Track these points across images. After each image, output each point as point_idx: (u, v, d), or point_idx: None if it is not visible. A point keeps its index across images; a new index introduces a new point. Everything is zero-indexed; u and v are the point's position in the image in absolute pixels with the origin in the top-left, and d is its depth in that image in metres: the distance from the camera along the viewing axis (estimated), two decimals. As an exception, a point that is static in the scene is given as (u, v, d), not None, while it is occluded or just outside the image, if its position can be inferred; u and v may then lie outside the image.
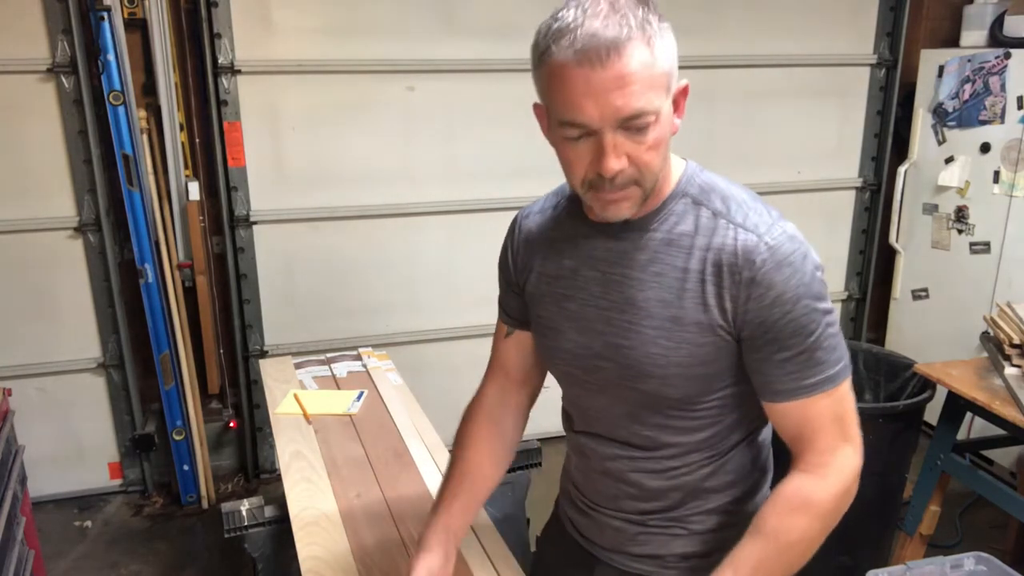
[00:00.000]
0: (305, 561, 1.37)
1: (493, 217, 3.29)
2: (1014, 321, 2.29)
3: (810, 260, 0.99)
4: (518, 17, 3.13)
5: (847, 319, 3.94)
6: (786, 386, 1.01)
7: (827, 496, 1.02)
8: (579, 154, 0.94)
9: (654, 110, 0.90)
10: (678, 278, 1.00)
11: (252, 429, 3.26)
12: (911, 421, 2.42)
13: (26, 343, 2.99)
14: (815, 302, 0.98)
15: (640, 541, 1.16)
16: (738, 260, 0.97)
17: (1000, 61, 3.14)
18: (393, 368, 2.31)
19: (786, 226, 1.00)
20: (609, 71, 0.87)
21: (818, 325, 0.98)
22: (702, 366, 1.02)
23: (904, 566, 1.82)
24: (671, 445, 1.09)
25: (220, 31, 2.84)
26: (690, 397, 1.05)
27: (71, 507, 3.12)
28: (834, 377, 1.01)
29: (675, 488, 1.12)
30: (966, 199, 3.34)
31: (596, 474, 1.18)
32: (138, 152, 2.81)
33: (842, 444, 1.04)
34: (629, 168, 0.93)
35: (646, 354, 1.03)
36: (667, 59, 0.91)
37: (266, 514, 1.72)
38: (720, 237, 0.99)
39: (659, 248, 1.02)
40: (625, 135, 0.91)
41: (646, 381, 1.04)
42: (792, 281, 0.96)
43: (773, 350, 0.99)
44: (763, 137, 3.53)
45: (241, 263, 3.08)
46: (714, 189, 1.03)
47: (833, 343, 1.01)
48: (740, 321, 0.99)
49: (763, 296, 0.97)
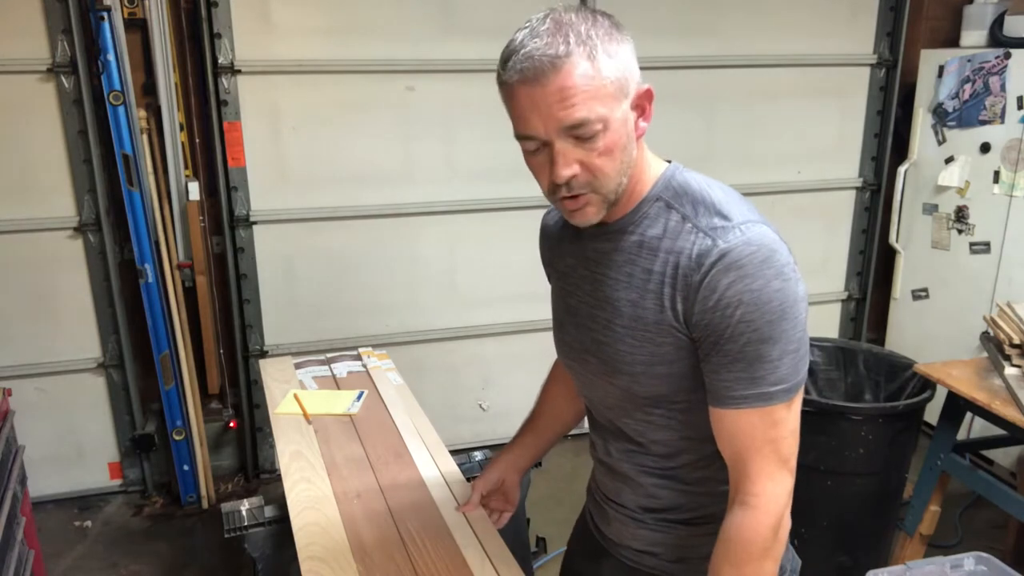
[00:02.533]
0: (305, 561, 1.37)
1: (493, 217, 3.30)
2: (1014, 321, 2.29)
3: (771, 268, 0.96)
4: (518, 17, 3.12)
5: (847, 319, 3.94)
6: (719, 392, 1.01)
7: (763, 534, 1.01)
8: (540, 164, 1.00)
9: (598, 118, 0.94)
10: (644, 279, 1.03)
11: (252, 429, 3.26)
12: (911, 421, 2.42)
13: (26, 343, 2.99)
14: (763, 312, 0.95)
15: (639, 537, 1.20)
16: (692, 263, 0.98)
17: (1000, 61, 3.14)
18: (393, 368, 2.31)
19: (750, 231, 0.97)
20: (549, 87, 0.93)
21: (761, 336, 0.96)
22: (664, 365, 1.04)
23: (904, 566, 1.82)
24: (659, 442, 1.12)
25: (220, 31, 2.85)
26: (660, 396, 1.07)
27: (71, 507, 3.12)
28: (768, 396, 0.98)
29: (670, 489, 1.15)
30: (966, 199, 3.34)
31: (604, 468, 1.24)
32: (138, 152, 2.81)
33: (776, 471, 1.02)
34: (583, 174, 0.98)
35: (617, 351, 1.07)
36: (615, 69, 0.95)
37: (266, 514, 1.73)
38: (683, 241, 1.00)
39: (632, 250, 1.05)
40: (574, 143, 0.96)
41: (619, 377, 1.09)
42: (737, 286, 0.95)
43: (713, 354, 1.00)
44: (763, 137, 3.53)
45: (241, 263, 3.08)
46: (687, 192, 1.04)
47: (779, 361, 0.97)
48: (691, 323, 1.00)
49: (707, 299, 0.97)
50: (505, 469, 1.45)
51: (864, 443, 2.35)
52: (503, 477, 1.45)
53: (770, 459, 1.01)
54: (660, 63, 3.24)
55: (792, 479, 1.04)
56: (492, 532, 1.44)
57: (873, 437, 2.35)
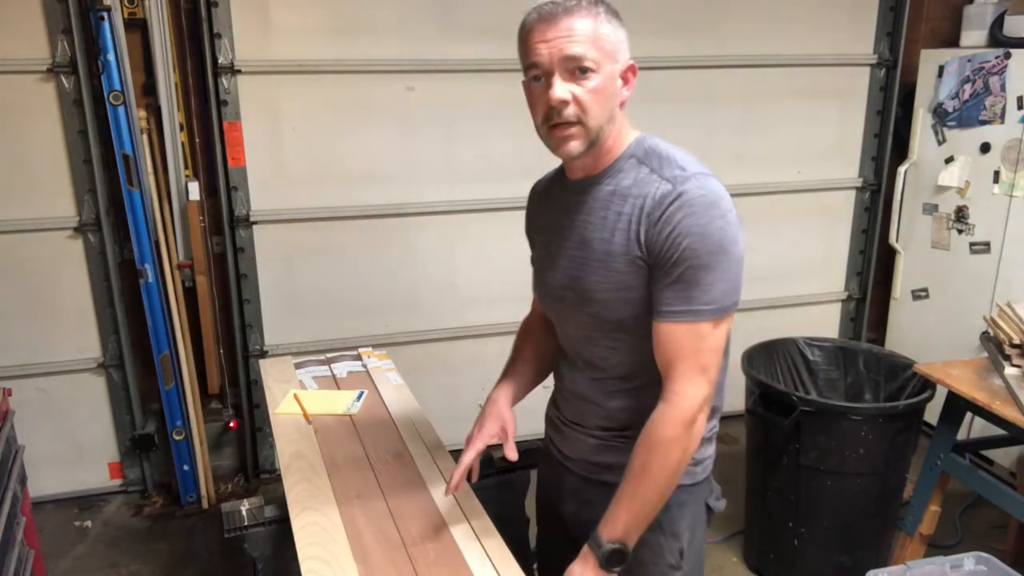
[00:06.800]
0: (305, 561, 1.37)
1: (493, 217, 3.30)
2: (1014, 321, 2.29)
3: (716, 209, 1.18)
4: (518, 17, 3.13)
5: (847, 319, 3.95)
6: (660, 307, 1.22)
7: (674, 425, 1.20)
8: (538, 94, 1.22)
9: (593, 59, 1.17)
10: (615, 220, 1.25)
11: (252, 429, 3.26)
12: (911, 421, 2.42)
13: (26, 343, 2.99)
14: (705, 243, 1.16)
15: (599, 451, 1.40)
16: (654, 203, 1.20)
17: (1000, 61, 3.14)
18: (393, 368, 2.31)
19: (704, 182, 1.20)
20: (560, 24, 1.18)
21: (701, 263, 1.17)
22: (628, 291, 1.25)
23: (904, 566, 1.82)
24: (618, 365, 1.34)
25: (220, 31, 2.85)
26: (625, 320, 1.28)
27: (71, 507, 3.12)
28: (699, 312, 1.19)
29: (626, 409, 1.35)
30: (966, 199, 3.34)
31: (569, 395, 1.45)
32: (138, 152, 2.81)
33: (694, 375, 1.21)
34: (573, 105, 1.19)
35: (591, 283, 1.28)
36: (612, 34, 1.20)
37: (266, 514, 1.72)
38: (649, 187, 1.22)
39: (607, 198, 1.27)
40: (570, 77, 1.18)
41: (591, 305, 1.30)
42: (687, 221, 1.17)
43: (661, 275, 1.21)
44: (763, 137, 3.53)
45: (241, 263, 3.08)
46: (655, 152, 1.26)
47: (712, 285, 1.18)
48: (649, 251, 1.21)
49: (662, 231, 1.19)
50: (499, 412, 1.47)
51: (864, 443, 2.35)
52: (500, 422, 1.46)
53: (692, 366, 1.20)
54: (660, 63, 3.24)
55: (709, 389, 1.23)
56: (492, 532, 1.45)
57: (873, 437, 2.35)
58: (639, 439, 1.23)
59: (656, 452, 1.21)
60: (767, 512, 2.60)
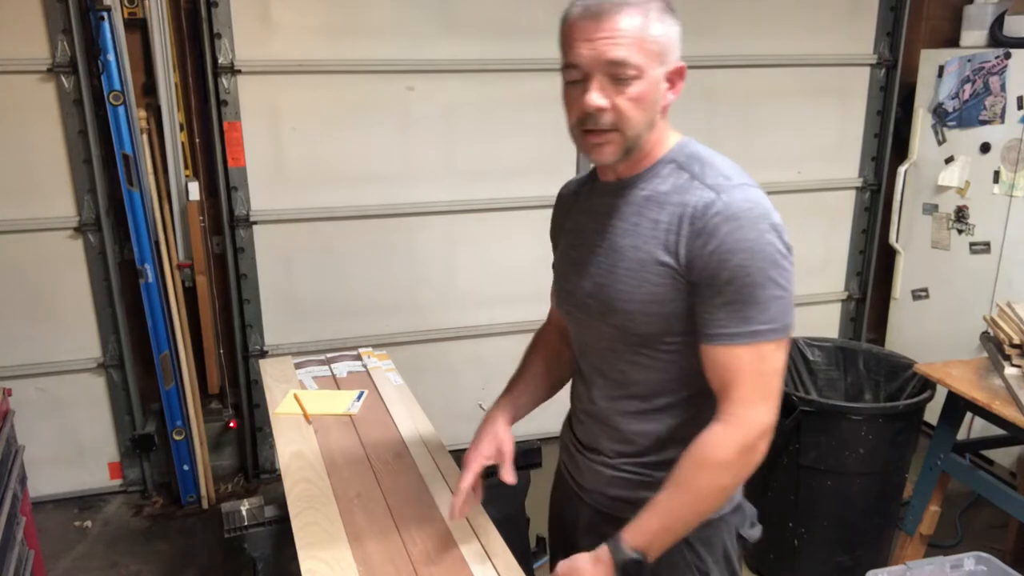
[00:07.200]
0: (305, 561, 1.37)
1: (493, 217, 3.30)
2: (1014, 321, 2.29)
3: (765, 221, 1.09)
4: (518, 17, 3.14)
5: (847, 319, 3.94)
6: (713, 330, 1.12)
7: (731, 448, 1.11)
8: (575, 96, 1.12)
9: (636, 64, 1.08)
10: (649, 228, 1.16)
11: (252, 429, 3.26)
12: (911, 421, 2.42)
13: (26, 343, 2.99)
14: (757, 259, 1.08)
15: (615, 484, 1.30)
16: (696, 212, 1.11)
17: (1000, 61, 3.14)
18: (393, 368, 2.31)
19: (749, 191, 1.12)
20: (605, 24, 1.07)
21: (754, 281, 1.08)
22: (659, 304, 1.16)
23: (904, 566, 1.82)
24: (641, 383, 1.24)
25: (220, 31, 2.85)
26: (652, 334, 1.19)
27: (71, 507, 3.12)
28: (759, 333, 1.10)
29: (646, 433, 1.25)
30: (966, 199, 3.34)
31: (584, 415, 1.35)
32: (138, 152, 2.81)
33: (758, 401, 1.12)
34: (611, 112, 1.10)
35: (617, 291, 1.19)
36: (661, 35, 1.10)
37: (266, 514, 1.73)
38: (689, 195, 1.13)
39: (642, 203, 1.18)
40: (611, 82, 1.09)
41: (616, 315, 1.20)
42: (736, 235, 1.08)
43: (709, 294, 1.11)
44: (763, 137, 3.53)
45: (241, 263, 3.08)
46: (697, 157, 1.18)
47: (768, 303, 1.09)
48: (688, 266, 1.12)
49: (707, 244, 1.10)
50: (495, 433, 1.39)
51: (864, 443, 2.35)
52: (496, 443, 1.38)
53: (754, 390, 1.11)
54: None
55: (772, 417, 1.13)
56: (492, 532, 1.45)
57: (873, 437, 2.35)
58: (688, 453, 1.13)
59: (705, 472, 1.12)
60: (767, 512, 2.59)
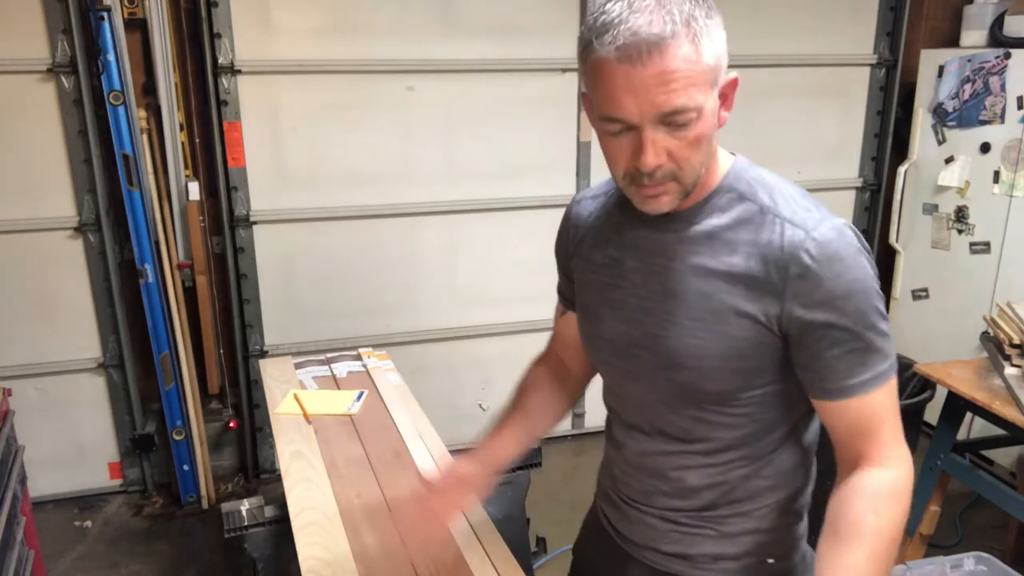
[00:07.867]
0: (305, 561, 1.37)
1: (493, 217, 3.30)
2: (1014, 321, 2.29)
3: (860, 253, 0.97)
4: (518, 17, 3.14)
5: (847, 319, 3.94)
6: (840, 384, 0.98)
7: (908, 489, 1.00)
8: (620, 147, 0.94)
9: (696, 107, 0.90)
10: (720, 272, 0.99)
11: (252, 429, 3.26)
12: (911, 421, 2.42)
13: (26, 343, 2.98)
14: (868, 299, 0.96)
15: (671, 539, 1.14)
16: (784, 255, 0.95)
17: (1000, 61, 3.14)
18: (393, 368, 2.31)
19: (835, 221, 0.97)
20: (650, 69, 0.86)
21: (871, 322, 0.96)
22: (741, 360, 1.00)
23: (904, 566, 1.82)
24: (707, 439, 1.07)
25: (220, 31, 2.85)
26: (728, 391, 1.03)
27: (71, 507, 3.12)
28: (885, 373, 0.99)
29: (711, 487, 1.10)
30: (966, 199, 3.34)
31: (632, 468, 1.16)
32: (138, 152, 2.81)
33: (901, 441, 1.03)
34: (668, 164, 0.93)
35: (684, 345, 1.02)
36: (713, 54, 0.91)
37: (266, 514, 1.72)
38: (767, 232, 0.97)
39: (701, 241, 1.01)
40: (665, 131, 0.91)
41: (682, 372, 1.03)
42: (845, 277, 0.94)
43: (824, 347, 0.97)
44: (763, 137, 3.52)
45: (241, 263, 3.08)
46: (762, 184, 1.02)
47: (885, 339, 0.98)
48: (787, 317, 0.97)
49: (812, 292, 0.95)
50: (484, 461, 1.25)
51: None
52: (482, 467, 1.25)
53: (897, 428, 1.02)
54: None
55: None
56: (492, 532, 1.44)
57: (873, 437, 2.34)
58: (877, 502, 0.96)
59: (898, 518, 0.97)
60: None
